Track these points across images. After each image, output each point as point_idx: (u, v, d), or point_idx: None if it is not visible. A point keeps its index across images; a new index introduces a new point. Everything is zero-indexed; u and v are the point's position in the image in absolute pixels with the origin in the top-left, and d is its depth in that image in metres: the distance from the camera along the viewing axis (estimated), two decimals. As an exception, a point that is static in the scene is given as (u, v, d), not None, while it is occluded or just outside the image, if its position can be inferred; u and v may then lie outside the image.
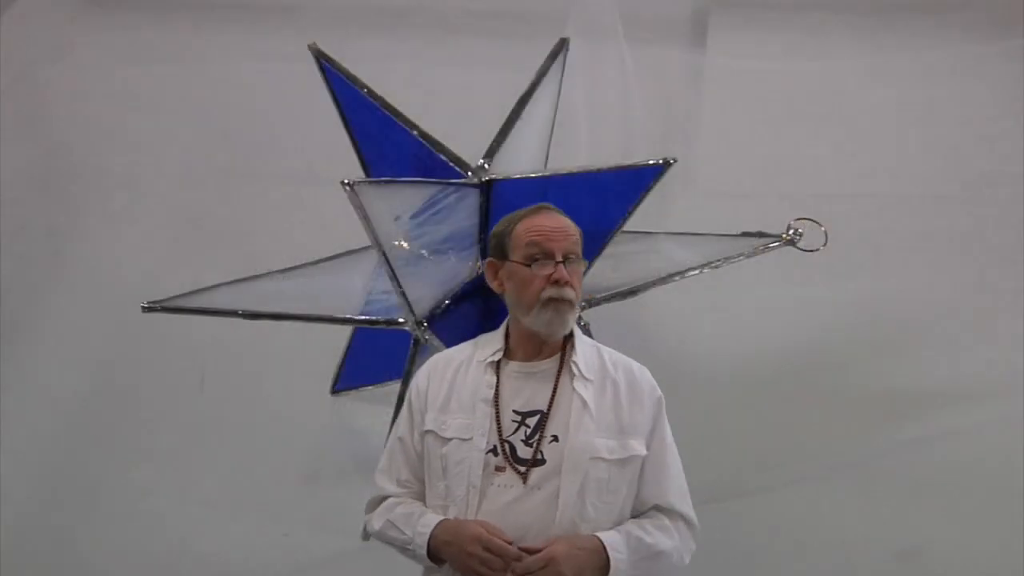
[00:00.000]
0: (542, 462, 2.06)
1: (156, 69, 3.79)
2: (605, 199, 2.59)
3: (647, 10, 3.61)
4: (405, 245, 2.52)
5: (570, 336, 2.18)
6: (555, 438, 2.07)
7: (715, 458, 2.94)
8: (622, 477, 2.09)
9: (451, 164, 2.68)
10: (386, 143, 2.73)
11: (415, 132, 2.70)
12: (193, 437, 3.39)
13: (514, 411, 2.11)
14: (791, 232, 2.72)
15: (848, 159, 3.48)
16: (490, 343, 2.20)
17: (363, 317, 2.72)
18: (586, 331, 2.47)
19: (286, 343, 3.19)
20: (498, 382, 2.13)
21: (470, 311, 2.57)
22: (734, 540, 3.02)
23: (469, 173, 2.66)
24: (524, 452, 2.07)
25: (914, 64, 3.52)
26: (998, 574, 3.04)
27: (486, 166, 2.69)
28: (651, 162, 2.60)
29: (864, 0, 3.65)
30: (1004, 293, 3.28)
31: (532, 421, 2.09)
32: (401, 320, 2.61)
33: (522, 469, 2.05)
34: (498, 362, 2.16)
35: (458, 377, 2.17)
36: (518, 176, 2.61)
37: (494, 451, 2.07)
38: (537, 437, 2.08)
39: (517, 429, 2.09)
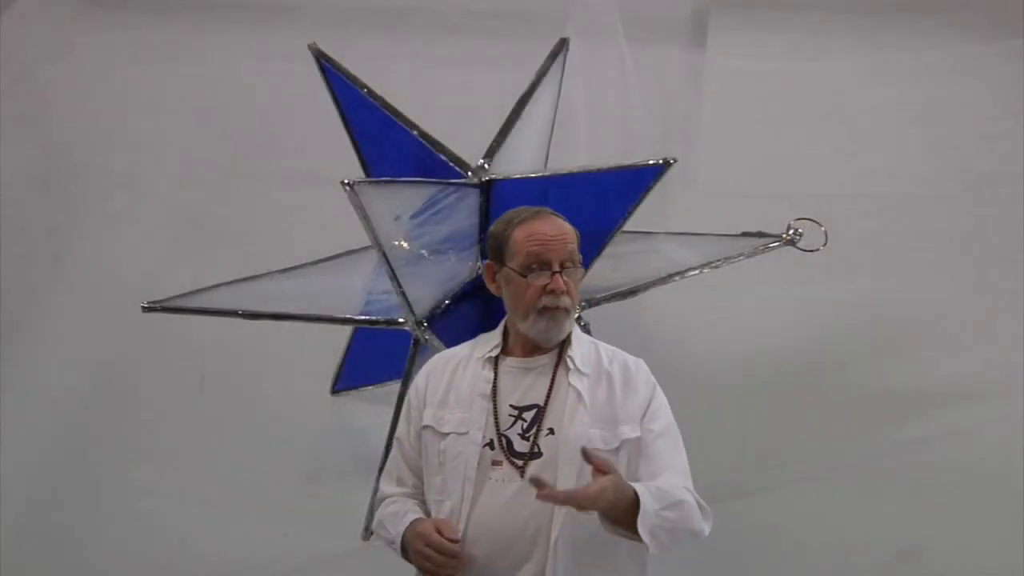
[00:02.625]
0: (539, 455, 2.06)
1: (156, 69, 3.80)
2: (605, 199, 2.59)
3: (647, 10, 3.62)
4: (405, 245, 2.52)
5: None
6: (551, 431, 2.08)
7: (715, 458, 2.91)
8: (618, 465, 2.06)
9: (451, 164, 2.68)
10: (386, 143, 2.73)
11: (415, 132, 2.70)
12: (193, 437, 3.38)
13: (511, 405, 2.11)
14: (791, 232, 2.72)
15: (848, 159, 3.48)
16: (488, 340, 2.21)
17: (363, 317, 2.72)
18: (586, 331, 2.47)
19: (286, 343, 3.20)
20: (496, 377, 2.14)
21: (470, 311, 2.57)
22: (734, 540, 3.01)
23: (469, 173, 2.66)
24: (521, 446, 2.07)
25: (914, 64, 3.52)
26: (998, 574, 3.03)
27: (486, 166, 2.69)
28: (651, 162, 2.61)
29: (864, 0, 3.65)
30: (1004, 293, 3.29)
31: (529, 415, 2.10)
32: (401, 320, 2.62)
33: (519, 463, 2.06)
34: (496, 358, 2.17)
35: (456, 374, 2.18)
36: (518, 176, 2.62)
37: (490, 445, 2.08)
38: (534, 431, 2.08)
39: (514, 423, 2.10)
